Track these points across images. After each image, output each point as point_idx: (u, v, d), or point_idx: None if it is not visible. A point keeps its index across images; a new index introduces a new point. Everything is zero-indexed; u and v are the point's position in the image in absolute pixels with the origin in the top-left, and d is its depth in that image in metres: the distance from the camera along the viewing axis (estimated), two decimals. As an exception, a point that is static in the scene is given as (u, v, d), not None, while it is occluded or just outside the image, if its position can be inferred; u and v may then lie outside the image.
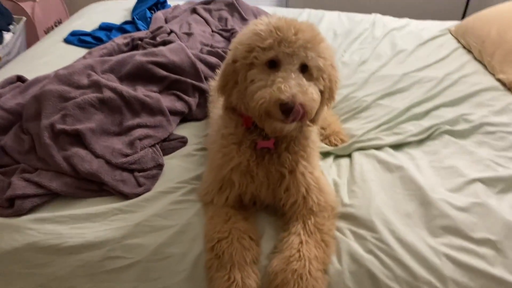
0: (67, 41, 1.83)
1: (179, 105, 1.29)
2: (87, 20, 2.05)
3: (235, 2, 2.03)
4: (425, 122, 1.28)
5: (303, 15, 2.08)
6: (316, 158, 1.04)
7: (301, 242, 0.89)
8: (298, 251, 0.87)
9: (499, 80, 1.51)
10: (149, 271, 0.91)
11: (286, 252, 0.88)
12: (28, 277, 0.93)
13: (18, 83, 1.41)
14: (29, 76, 1.47)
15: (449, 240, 0.91)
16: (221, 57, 1.53)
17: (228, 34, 1.79)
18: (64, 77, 1.23)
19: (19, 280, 0.92)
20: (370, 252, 0.89)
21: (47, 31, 2.79)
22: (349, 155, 1.19)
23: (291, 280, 0.83)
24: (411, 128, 1.25)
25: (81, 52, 1.73)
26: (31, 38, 2.63)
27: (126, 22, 1.97)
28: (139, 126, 1.17)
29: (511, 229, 0.91)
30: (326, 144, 1.24)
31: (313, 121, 0.93)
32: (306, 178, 0.96)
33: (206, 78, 1.41)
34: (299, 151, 0.96)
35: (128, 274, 0.91)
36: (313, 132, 1.02)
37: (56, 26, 2.90)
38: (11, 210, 0.99)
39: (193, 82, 1.35)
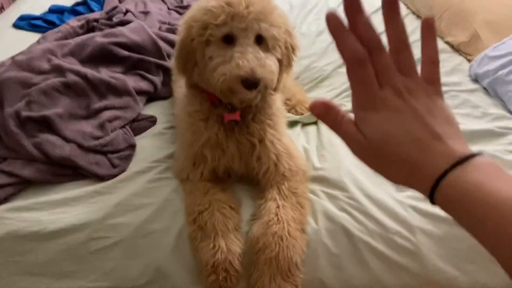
0: (16, 26, 1.75)
1: (144, 85, 1.29)
2: (34, 4, 1.96)
3: (188, -22, 2.00)
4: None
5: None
6: (283, 125, 1.07)
7: (278, 207, 0.93)
8: (276, 214, 0.92)
9: (447, 42, 1.61)
10: (134, 248, 0.93)
11: (265, 217, 0.92)
12: (12, 265, 0.92)
13: (-29, 72, 1.36)
14: (-19, 64, 1.42)
15: (413, 193, 0.98)
16: (180, 34, 1.53)
17: (185, 11, 1.77)
18: (23, 63, 1.20)
19: (3, 269, 0.92)
20: (343, 210, 0.95)
21: (-11, 17, 2.65)
22: (315, 123, 1.24)
23: (272, 242, 0.87)
24: (372, 93, 1.31)
25: (33, 36, 1.67)
26: (-27, 25, 2.49)
27: (77, 4, 1.91)
28: (106, 108, 1.16)
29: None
30: (292, 114, 1.28)
31: (275, 89, 0.96)
32: (275, 145, 1.00)
33: (168, 56, 1.41)
34: (265, 120, 0.99)
35: (113, 253, 0.93)
36: (277, 100, 1.05)
37: (-2, 11, 2.75)
38: (-19, 202, 0.98)
39: (156, 60, 1.35)
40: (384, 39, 0.43)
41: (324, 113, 0.44)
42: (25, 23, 1.75)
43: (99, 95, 1.18)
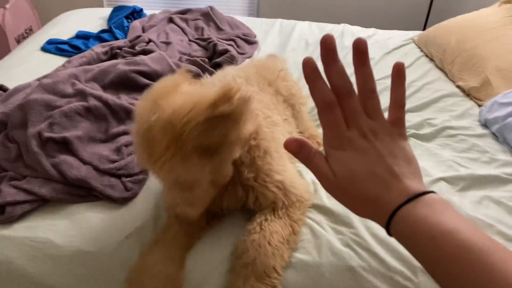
0: (44, 49, 1.84)
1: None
2: (62, 29, 2.06)
3: (210, 12, 2.09)
4: (394, 127, 1.37)
5: (275, 25, 2.16)
6: (278, 156, 1.00)
7: (265, 220, 0.93)
8: (260, 224, 0.92)
9: (458, 86, 1.65)
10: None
11: (249, 227, 0.92)
12: (20, 285, 0.95)
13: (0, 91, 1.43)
14: (8, 84, 1.48)
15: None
16: (199, 66, 1.59)
17: (205, 43, 1.85)
18: (48, 86, 1.26)
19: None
20: (347, 245, 0.97)
21: (17, 38, 2.77)
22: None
23: (250, 248, 0.88)
24: (381, 132, 1.34)
25: (59, 60, 1.75)
26: (2, 45, 2.61)
27: (103, 31, 2.00)
28: (124, 133, 1.21)
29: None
30: None
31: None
32: (272, 189, 0.96)
33: (186, 86, 1.46)
34: (256, 162, 0.93)
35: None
36: (267, 138, 0.96)
37: (27, 33, 2.88)
38: (1, 217, 1.01)
39: (174, 90, 1.40)
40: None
41: (297, 149, 0.49)
42: (53, 47, 1.83)
43: (118, 120, 1.23)
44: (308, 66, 0.46)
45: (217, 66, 1.63)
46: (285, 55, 1.86)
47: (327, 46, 0.46)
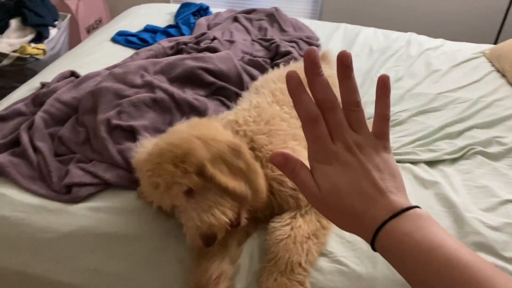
0: (114, 40, 1.92)
1: (222, 110, 1.36)
2: (132, 22, 2.14)
3: (275, 13, 2.10)
4: (459, 142, 1.32)
5: (339, 30, 2.14)
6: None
7: (290, 217, 0.93)
8: (284, 222, 0.92)
9: (530, 105, 1.55)
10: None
11: (274, 225, 0.93)
12: (79, 260, 0.99)
13: (72, 77, 1.50)
14: (79, 71, 1.56)
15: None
16: (261, 68, 1.60)
17: (268, 44, 1.85)
18: (119, 76, 1.31)
19: (70, 264, 0.98)
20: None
21: (88, 29, 2.91)
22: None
23: (273, 244, 0.88)
24: (446, 147, 1.30)
25: (127, 51, 1.82)
26: (74, 34, 2.75)
27: (170, 26, 2.06)
28: (187, 127, 1.23)
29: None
30: None
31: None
32: (288, 196, 0.96)
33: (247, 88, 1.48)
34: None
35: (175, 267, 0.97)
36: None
37: (96, 24, 3.02)
38: (68, 196, 1.06)
39: (237, 90, 1.42)
40: (462, 92, 0.45)
41: (283, 163, 0.48)
42: (122, 38, 1.90)
43: (182, 114, 1.26)
44: (292, 81, 0.46)
45: (278, 67, 1.63)
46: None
47: (311, 59, 0.45)
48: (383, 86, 0.48)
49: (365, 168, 0.45)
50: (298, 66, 1.40)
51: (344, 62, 0.46)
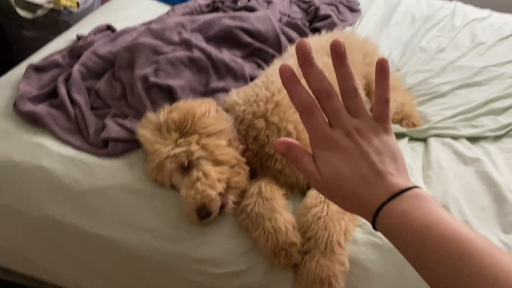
0: (150, -5, 1.88)
1: (259, 73, 1.33)
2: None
3: (314, -27, 2.01)
4: (503, 119, 1.26)
5: (379, -5, 2.04)
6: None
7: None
8: (318, 197, 0.91)
9: None
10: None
11: (306, 201, 0.93)
12: (114, 215, 1.00)
13: (108, 31, 1.48)
14: (114, 26, 1.54)
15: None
16: (300, 31, 1.55)
17: (306, 6, 1.79)
18: (156, 32, 1.28)
19: (106, 218, 1.00)
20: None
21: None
22: (423, 140, 1.20)
23: (312, 222, 0.88)
24: (489, 123, 1.25)
25: (161, 7, 1.79)
26: (107, -12, 2.71)
27: (206, -17, 1.99)
28: (223, 89, 1.21)
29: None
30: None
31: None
32: None
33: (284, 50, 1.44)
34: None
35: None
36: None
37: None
38: (105, 151, 1.07)
39: (274, 52, 1.38)
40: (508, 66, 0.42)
41: (286, 151, 0.50)
42: (157, -6, 1.86)
43: (218, 76, 1.23)
44: (285, 73, 0.48)
45: (316, 30, 1.58)
46: (388, 28, 1.76)
47: (303, 51, 0.46)
48: (381, 69, 0.49)
49: (364, 152, 0.47)
50: (338, 35, 1.35)
51: (337, 51, 0.47)
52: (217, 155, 0.93)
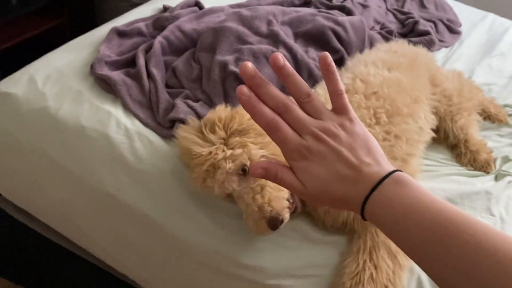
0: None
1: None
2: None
3: (418, -15, 1.87)
4: None
5: (485, 20, 1.84)
6: None
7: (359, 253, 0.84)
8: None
9: None
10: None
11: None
12: (167, 200, 0.97)
13: (195, 7, 1.45)
14: (202, 2, 1.50)
15: None
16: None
17: (403, 17, 1.67)
18: (246, 19, 1.23)
19: (159, 201, 0.97)
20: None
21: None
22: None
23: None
24: None
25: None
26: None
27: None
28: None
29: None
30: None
31: None
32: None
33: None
34: None
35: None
36: None
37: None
38: (169, 131, 1.04)
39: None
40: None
41: (264, 173, 0.50)
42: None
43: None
44: (242, 96, 0.48)
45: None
46: (490, 57, 1.60)
47: (247, 75, 0.47)
48: (325, 65, 0.49)
49: (336, 152, 0.48)
50: (394, 48, 1.17)
51: (276, 65, 0.48)
52: (278, 154, 0.84)
